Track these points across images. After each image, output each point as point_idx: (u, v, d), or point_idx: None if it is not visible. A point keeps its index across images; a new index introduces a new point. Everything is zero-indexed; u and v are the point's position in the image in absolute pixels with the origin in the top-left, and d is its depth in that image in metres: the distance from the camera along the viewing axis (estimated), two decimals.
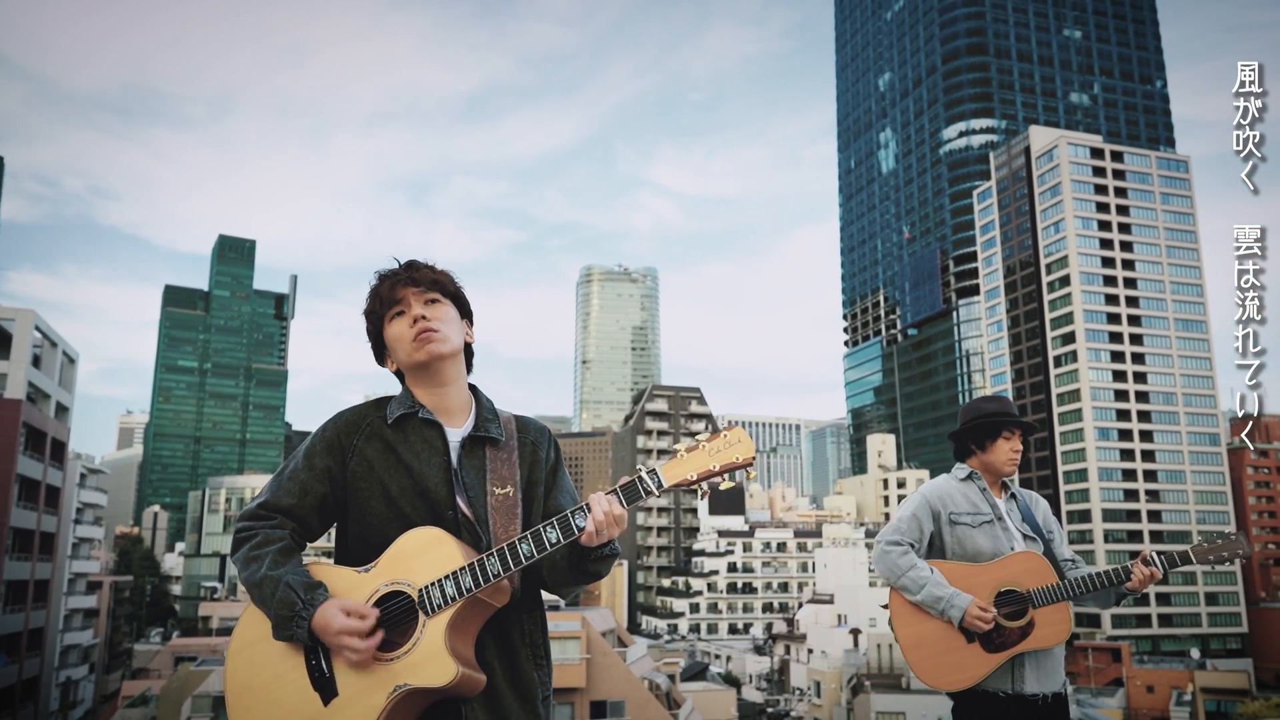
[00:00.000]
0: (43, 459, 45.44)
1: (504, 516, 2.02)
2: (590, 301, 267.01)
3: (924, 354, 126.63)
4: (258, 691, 1.92)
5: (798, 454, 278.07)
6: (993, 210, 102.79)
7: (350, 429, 2.06)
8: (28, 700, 45.20)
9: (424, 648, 1.84)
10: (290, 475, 2.04)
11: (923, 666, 3.17)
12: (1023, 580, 3.12)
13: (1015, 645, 3.07)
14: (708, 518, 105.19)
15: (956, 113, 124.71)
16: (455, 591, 1.85)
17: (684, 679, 48.15)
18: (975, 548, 3.22)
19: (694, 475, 1.89)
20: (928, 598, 3.13)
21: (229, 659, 1.98)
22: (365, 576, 1.92)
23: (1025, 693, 3.10)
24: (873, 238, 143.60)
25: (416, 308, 2.06)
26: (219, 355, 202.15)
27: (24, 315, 44.62)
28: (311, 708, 1.86)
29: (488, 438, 2.09)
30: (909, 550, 3.26)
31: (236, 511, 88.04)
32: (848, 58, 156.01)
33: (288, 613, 1.85)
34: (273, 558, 1.93)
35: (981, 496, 3.31)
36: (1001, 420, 3.33)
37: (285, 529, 2.00)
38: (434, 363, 2.06)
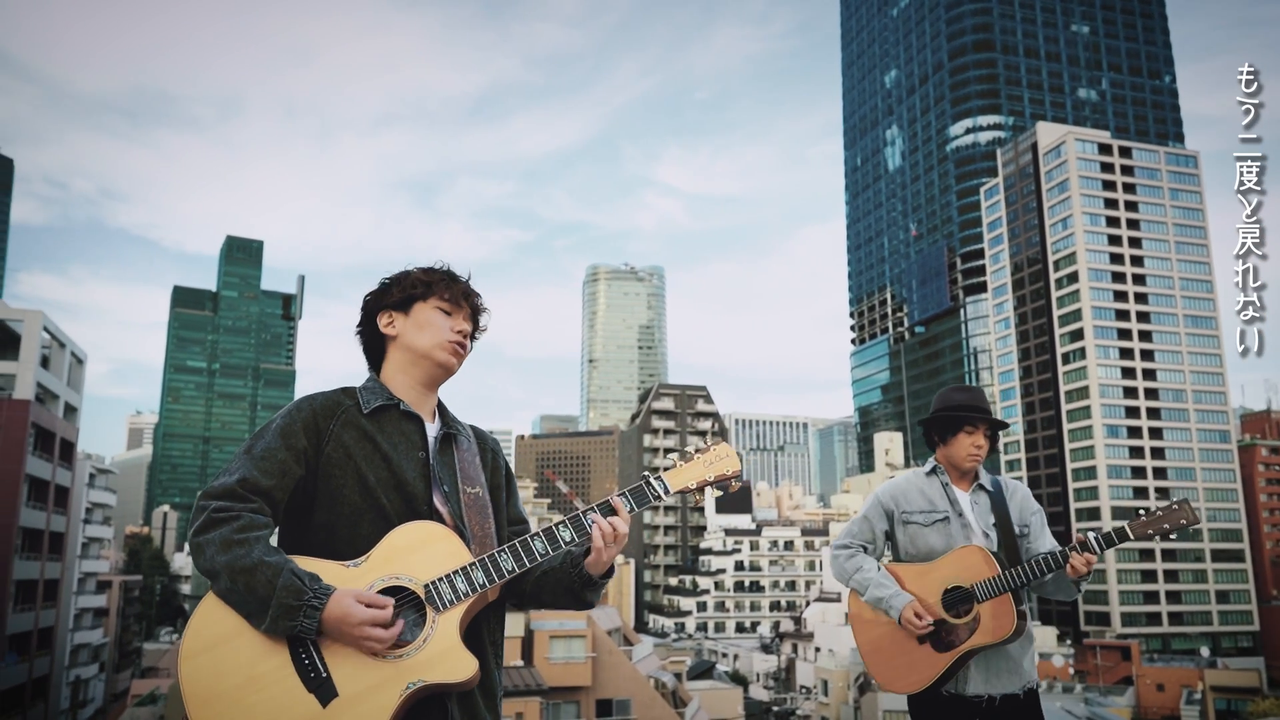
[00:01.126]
0: (51, 459, 45.66)
1: (478, 515, 2.02)
2: (597, 300, 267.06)
3: (931, 352, 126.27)
4: (229, 697, 1.73)
5: (805, 452, 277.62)
6: (1000, 207, 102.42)
7: (327, 413, 1.98)
8: (38, 699, 45.44)
9: (438, 643, 1.79)
10: (265, 454, 1.90)
11: (879, 670, 3.15)
12: (966, 575, 3.05)
13: (964, 642, 3.01)
14: (715, 516, 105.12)
15: (963, 109, 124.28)
16: (467, 587, 1.84)
17: (691, 677, 48.11)
18: (928, 546, 3.16)
19: (693, 484, 2.05)
20: (871, 599, 3.12)
21: (185, 662, 1.76)
22: (356, 571, 1.83)
23: (967, 694, 3.04)
24: (879, 235, 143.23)
25: (464, 322, 2.13)
26: (227, 355, 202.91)
27: (32, 316, 44.85)
28: (306, 709, 1.73)
29: (456, 437, 2.11)
30: (856, 552, 3.25)
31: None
32: (853, 55, 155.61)
33: (294, 601, 1.72)
34: (265, 544, 1.80)
35: (942, 492, 3.22)
36: (960, 415, 3.20)
37: (266, 514, 1.87)
38: (440, 370, 2.11)
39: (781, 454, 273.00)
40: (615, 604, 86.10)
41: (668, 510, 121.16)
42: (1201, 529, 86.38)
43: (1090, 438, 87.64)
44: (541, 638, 33.85)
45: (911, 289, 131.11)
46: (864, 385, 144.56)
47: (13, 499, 41.13)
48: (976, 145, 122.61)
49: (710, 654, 71.81)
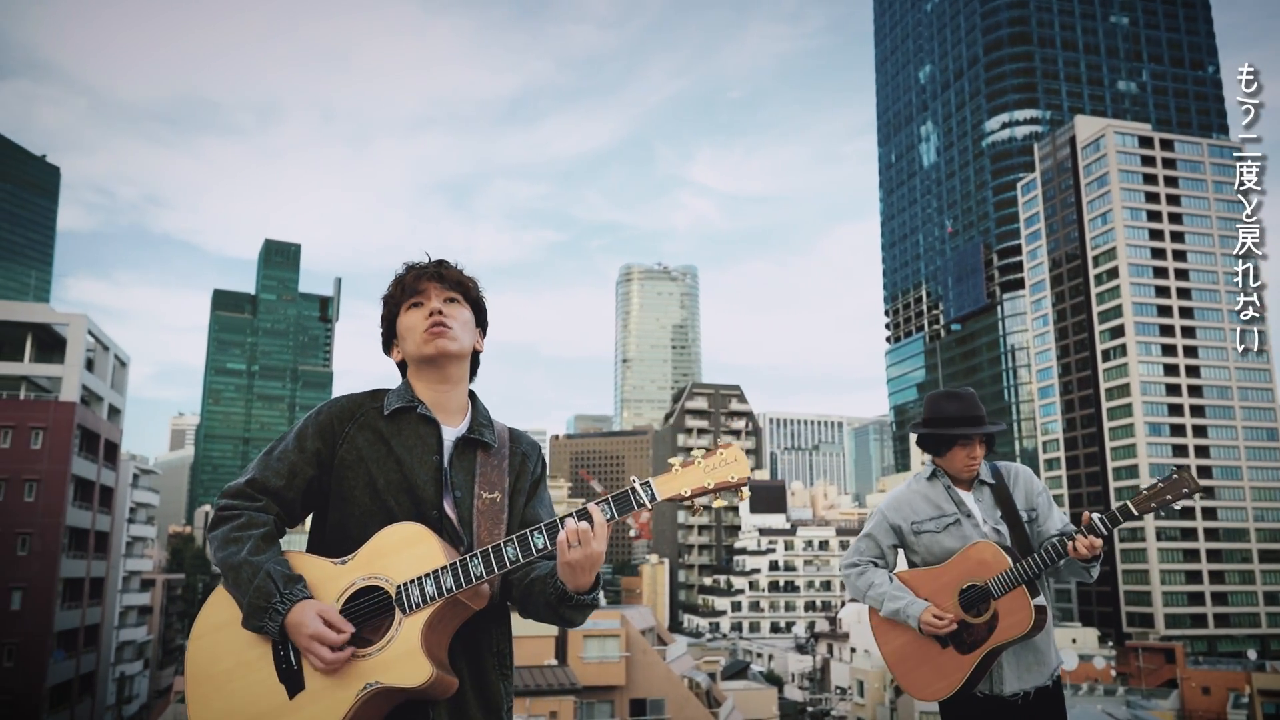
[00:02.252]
0: (96, 460, 46.68)
1: (489, 521, 1.99)
2: (630, 300, 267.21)
3: (968, 350, 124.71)
4: (219, 679, 1.86)
5: (840, 452, 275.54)
6: (1037, 202, 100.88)
7: (344, 415, 2.03)
8: (85, 694, 46.48)
9: (398, 646, 1.79)
10: (279, 455, 1.99)
11: (907, 680, 3.12)
12: (979, 572, 3.02)
13: (986, 642, 2.98)
14: (749, 516, 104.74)
15: (999, 104, 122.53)
16: (435, 591, 1.82)
17: (725, 678, 48.00)
18: (945, 551, 3.13)
19: (687, 491, 1.87)
20: (888, 611, 3.11)
21: (191, 643, 1.92)
22: (342, 569, 1.88)
23: (1004, 693, 3.01)
24: (914, 233, 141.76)
25: (435, 302, 2.06)
26: (266, 358, 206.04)
27: (77, 320, 45.86)
28: (275, 699, 1.81)
29: (480, 441, 2.07)
30: (865, 569, 3.24)
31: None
32: (887, 51, 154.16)
33: (263, 603, 1.81)
34: (255, 542, 1.88)
35: (946, 495, 3.18)
36: (950, 435, 3.13)
37: (270, 513, 1.96)
38: (440, 358, 2.05)
39: (816, 453, 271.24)
40: (649, 603, 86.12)
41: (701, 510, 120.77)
42: (1248, 528, 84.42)
43: (1132, 436, 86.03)
44: (575, 637, 33.96)
45: (947, 286, 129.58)
46: (899, 384, 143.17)
47: (60, 499, 42.12)
48: (1013, 140, 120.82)
49: (745, 654, 71.59)
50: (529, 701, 30.36)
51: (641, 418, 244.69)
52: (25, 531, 40.84)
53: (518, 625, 11.19)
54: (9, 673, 39.55)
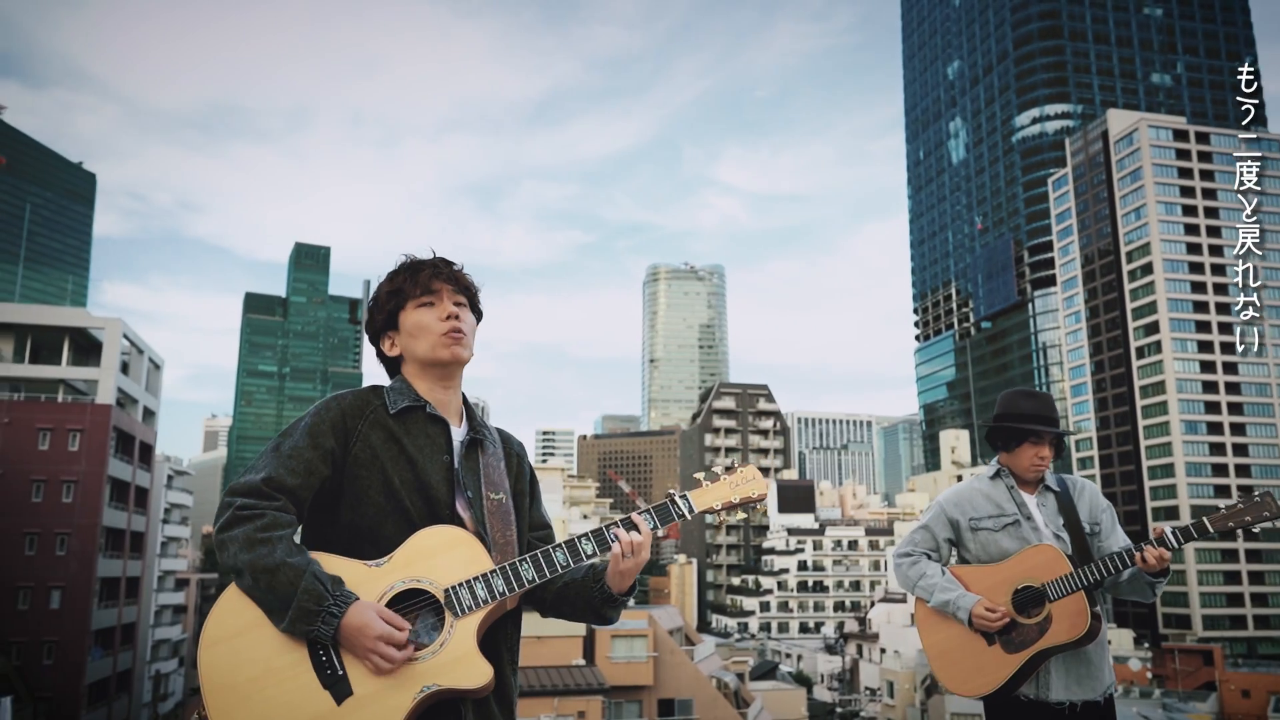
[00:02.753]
0: (132, 461, 47.44)
1: (500, 521, 2.00)
2: (657, 300, 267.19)
3: (999, 347, 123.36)
4: (244, 688, 1.76)
5: (869, 451, 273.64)
6: (1069, 198, 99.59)
7: (355, 412, 1.98)
8: (122, 691, 47.27)
9: (454, 649, 1.80)
10: (292, 452, 1.91)
11: (947, 673, 3.10)
12: (1037, 574, 2.97)
13: (1035, 643, 2.93)
14: (777, 516, 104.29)
15: (1030, 99, 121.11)
16: (487, 594, 1.84)
17: (753, 678, 47.84)
18: (1001, 550, 3.10)
19: (718, 505, 2.06)
20: (938, 603, 3.08)
21: (204, 651, 1.80)
22: (378, 571, 1.85)
23: (1050, 699, 2.96)
24: (943, 230, 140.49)
25: (450, 305, 2.05)
26: (297, 360, 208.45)
27: (112, 324, 46.62)
28: (319, 706, 1.75)
29: (482, 442, 2.08)
30: (919, 559, 3.21)
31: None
32: (914, 47, 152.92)
33: (314, 606, 1.74)
34: (288, 544, 1.81)
35: (1008, 495, 3.15)
36: (1023, 430, 3.11)
37: (291, 513, 1.87)
38: (454, 365, 2.06)
39: (845, 453, 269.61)
40: (677, 604, 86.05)
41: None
42: None
43: (1167, 434, 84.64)
44: (603, 637, 34.01)
45: (977, 284, 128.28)
46: (929, 382, 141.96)
47: (96, 500, 42.86)
48: (1044, 135, 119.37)
49: (773, 654, 71.38)
50: (556, 701, 30.45)
51: (669, 418, 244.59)
52: (63, 532, 41.62)
53: (545, 626, 11.32)
54: (49, 670, 40.32)
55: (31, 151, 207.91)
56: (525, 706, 30.21)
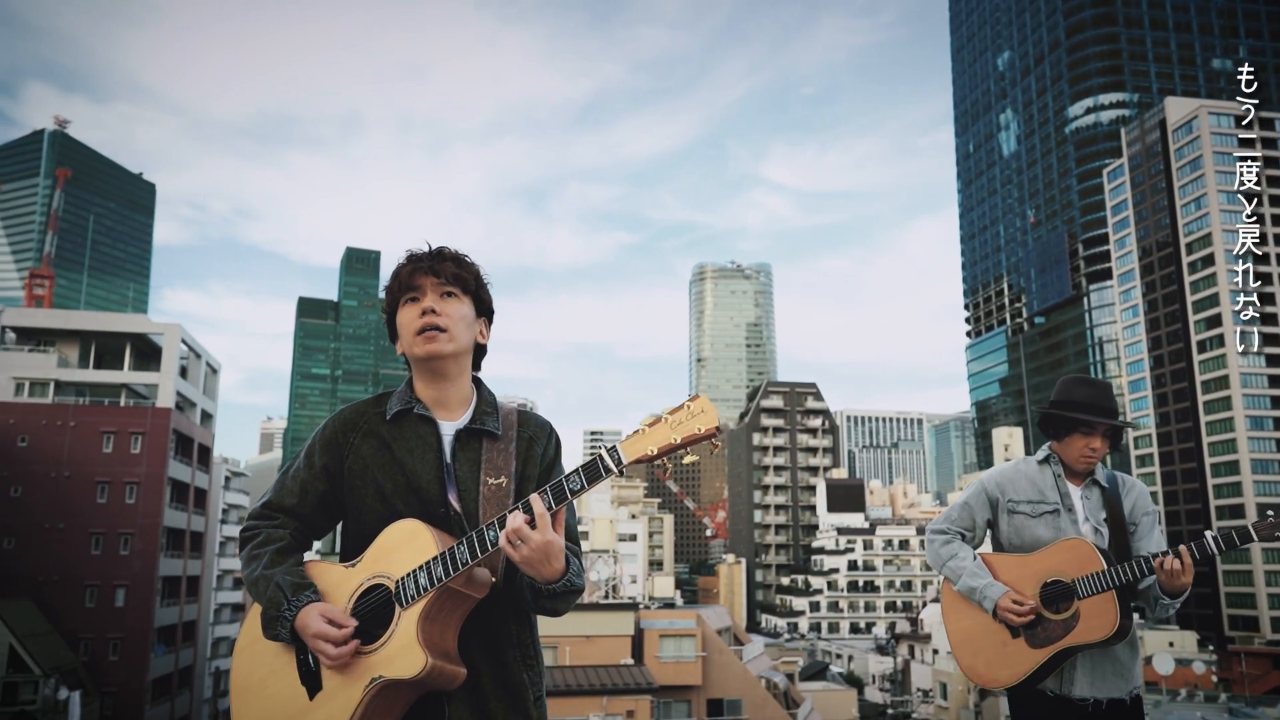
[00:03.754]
0: (191, 463, 48.66)
1: (495, 506, 1.97)
2: (704, 299, 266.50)
3: (1053, 343, 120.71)
4: (255, 688, 1.96)
5: (920, 449, 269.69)
6: (1125, 189, 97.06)
7: (348, 427, 2.07)
8: (183, 687, 48.56)
9: (397, 639, 1.83)
10: (293, 475, 2.08)
11: (969, 661, 3.03)
12: (1067, 569, 2.89)
13: (1060, 640, 2.85)
14: (827, 515, 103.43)
15: (1083, 88, 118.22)
16: (428, 581, 1.83)
17: (803, 678, 47.49)
18: (1034, 538, 3.02)
19: (654, 449, 1.79)
20: (964, 588, 3.01)
21: (234, 657, 2.04)
22: (351, 571, 1.95)
23: (1073, 695, 2.89)
24: (994, 223, 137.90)
25: (430, 299, 2.02)
26: (348, 362, 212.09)
27: (171, 329, 47.89)
28: (300, 702, 1.90)
29: (484, 430, 2.06)
30: (953, 539, 3.14)
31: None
32: (963, 39, 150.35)
33: (274, 612, 1.90)
34: (270, 557, 1.98)
35: (1054, 484, 3.06)
36: (1073, 419, 3.02)
37: (287, 528, 2.04)
38: (434, 360, 2.03)
39: (895, 451, 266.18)
40: (726, 603, 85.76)
41: (778, 509, 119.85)
42: None
43: (1231, 430, 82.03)
44: (652, 636, 34.05)
45: (1030, 278, 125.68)
46: (981, 379, 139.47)
47: (158, 500, 44.07)
48: (1098, 125, 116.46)
49: (824, 655, 70.77)
50: (605, 700, 30.54)
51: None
52: (127, 532, 42.87)
53: (594, 625, 11.35)
54: (114, 666, 41.56)
55: (95, 164, 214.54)
56: (574, 705, 30.34)
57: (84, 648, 40.98)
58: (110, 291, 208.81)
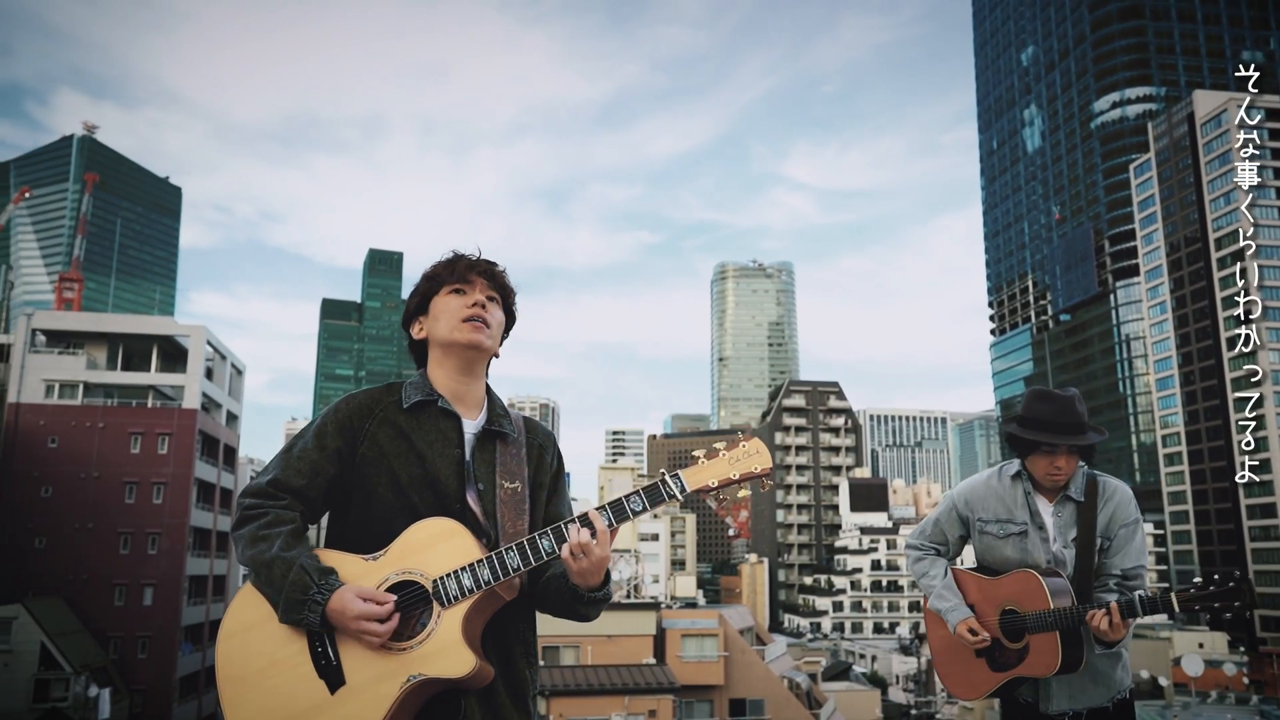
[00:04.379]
0: (216, 463, 49.16)
1: (512, 511, 2.00)
2: (725, 299, 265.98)
3: (1078, 340, 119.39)
4: (252, 679, 1.87)
5: (944, 448, 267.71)
6: (1153, 184, 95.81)
7: (363, 412, 2.03)
8: (211, 685, 49.05)
9: (440, 639, 1.82)
10: (300, 454, 1.99)
11: (944, 673, 3.15)
12: (1022, 601, 2.86)
13: (1014, 668, 2.89)
14: (850, 515, 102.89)
15: (1109, 82, 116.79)
16: (473, 584, 1.84)
17: (826, 679, 47.27)
18: (1002, 558, 3.01)
19: (714, 483, 1.91)
20: (934, 606, 3.07)
21: (220, 644, 1.92)
22: (374, 565, 1.89)
23: (1050, 711, 2.91)
24: (1019, 220, 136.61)
25: (480, 294, 2.07)
26: (372, 363, 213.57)
27: (196, 331, 48.40)
28: (316, 696, 1.82)
29: (500, 433, 2.08)
30: (925, 555, 3.17)
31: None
32: (986, 34, 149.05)
33: (300, 596, 1.81)
34: (284, 539, 1.88)
35: (1023, 501, 2.96)
36: (1028, 440, 2.89)
37: (295, 510, 1.96)
38: (470, 350, 2.05)
39: (919, 450, 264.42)
40: (749, 603, 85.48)
41: (800, 508, 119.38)
42: None
43: (1264, 429, 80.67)
44: (674, 636, 34.00)
45: (1055, 275, 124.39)
46: (1005, 377, 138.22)
47: (184, 500, 44.58)
48: (1124, 120, 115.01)
49: (847, 655, 70.38)
50: (627, 700, 30.54)
51: (739, 416, 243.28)
52: (154, 531, 43.40)
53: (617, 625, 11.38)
54: (143, 664, 42.10)
55: (122, 168, 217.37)
56: (596, 704, 30.37)
57: (113, 646, 41.53)
58: (138, 294, 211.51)
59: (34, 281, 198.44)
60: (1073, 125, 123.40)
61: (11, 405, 43.20)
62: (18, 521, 41.51)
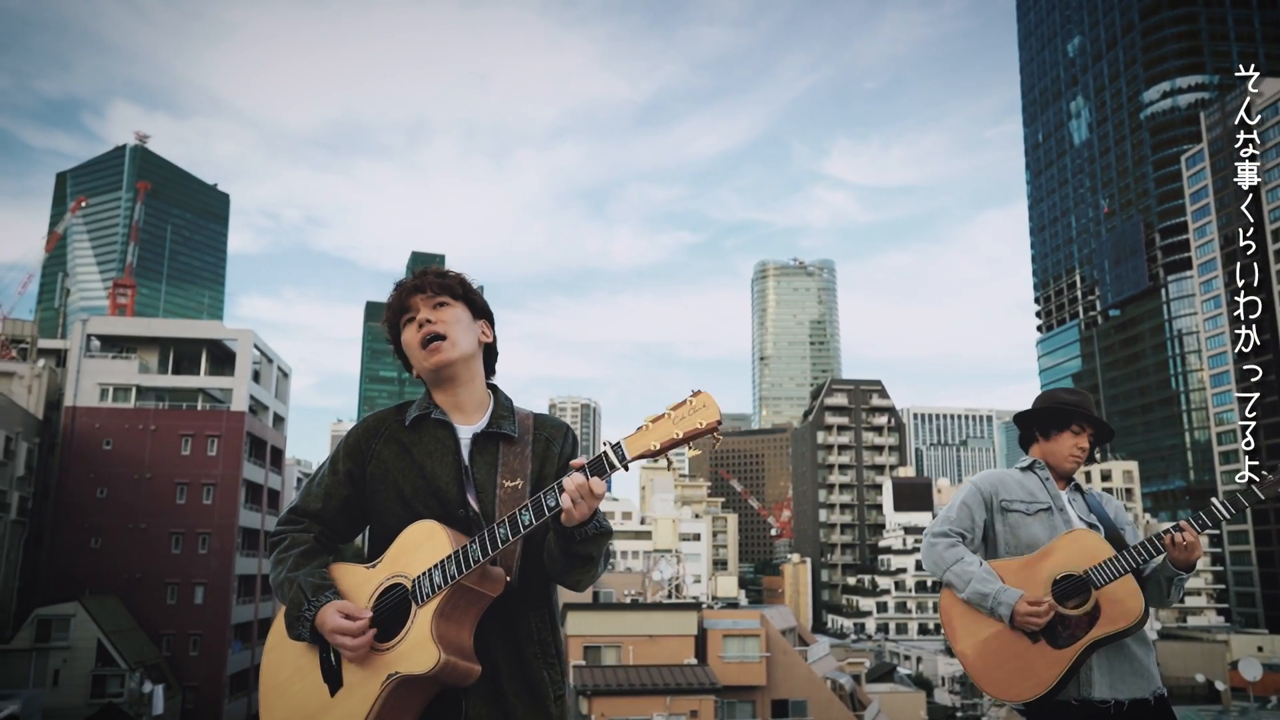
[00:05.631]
0: (264, 465, 50.06)
1: (511, 508, 2.02)
2: (766, 297, 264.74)
3: (1128, 336, 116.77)
4: (281, 686, 2.04)
5: (990, 446, 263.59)
6: (1205, 175, 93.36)
7: (370, 433, 2.16)
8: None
9: (412, 636, 1.89)
10: (319, 481, 2.17)
11: (987, 678, 2.84)
12: (1077, 562, 2.79)
13: (1087, 634, 2.72)
14: (894, 514, 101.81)
15: (1159, 71, 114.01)
16: (442, 579, 1.90)
17: (870, 680, 46.79)
18: (1030, 537, 2.93)
19: (657, 445, 1.86)
20: (973, 595, 2.84)
21: (263, 656, 2.13)
22: (372, 572, 2.03)
23: (1093, 698, 2.75)
24: (1066, 214, 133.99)
25: (424, 312, 2.12)
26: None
27: (244, 335, 49.34)
28: (322, 698, 1.97)
29: (500, 434, 2.12)
30: (957, 542, 2.98)
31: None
32: (1031, 25, 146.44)
33: (295, 613, 1.99)
34: (294, 560, 2.05)
35: (1041, 486, 3.05)
36: (1071, 410, 3.07)
37: (312, 532, 2.13)
38: (443, 368, 2.11)
39: (964, 449, 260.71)
40: (791, 604, 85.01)
41: (844, 509, 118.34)
42: None
43: None
44: (715, 636, 33.90)
45: (1104, 270, 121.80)
46: (1053, 375, 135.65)
47: (233, 501, 45.45)
48: (1175, 110, 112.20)
49: (891, 656, 69.62)
50: (669, 700, 30.50)
51: (780, 415, 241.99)
52: (204, 531, 44.33)
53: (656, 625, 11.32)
54: (194, 661, 43.02)
55: (172, 176, 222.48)
56: (637, 705, 30.38)
57: (166, 643, 42.51)
58: (187, 299, 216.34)
59: (89, 288, 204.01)
60: (1121, 116, 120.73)
61: (68, 408, 44.43)
62: (75, 522, 42.67)
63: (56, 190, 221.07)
